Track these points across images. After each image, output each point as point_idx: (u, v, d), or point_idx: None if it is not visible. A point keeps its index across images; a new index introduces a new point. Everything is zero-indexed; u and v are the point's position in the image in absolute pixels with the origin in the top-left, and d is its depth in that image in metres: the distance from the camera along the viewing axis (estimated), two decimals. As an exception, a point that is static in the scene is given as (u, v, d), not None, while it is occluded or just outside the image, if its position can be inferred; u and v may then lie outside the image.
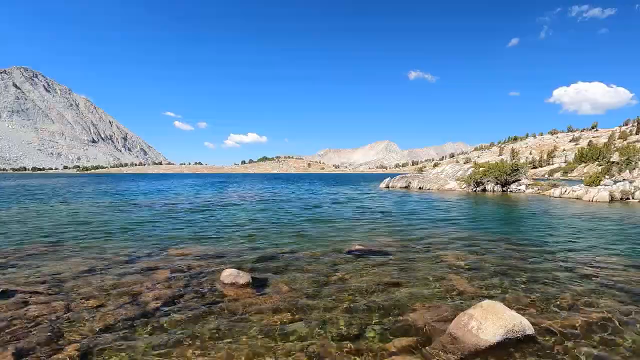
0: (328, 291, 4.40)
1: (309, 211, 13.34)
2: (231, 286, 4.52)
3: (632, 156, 31.14)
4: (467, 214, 12.53)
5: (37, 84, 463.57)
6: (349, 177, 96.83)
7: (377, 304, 3.99)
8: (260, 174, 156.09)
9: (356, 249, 6.60)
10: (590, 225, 9.78)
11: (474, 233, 8.54)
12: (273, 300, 4.10)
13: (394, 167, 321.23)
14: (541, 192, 22.36)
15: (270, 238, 7.86)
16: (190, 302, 4.04)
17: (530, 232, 8.67)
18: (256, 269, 5.34)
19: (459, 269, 5.38)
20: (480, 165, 28.80)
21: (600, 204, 16.17)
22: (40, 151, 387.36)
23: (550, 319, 3.57)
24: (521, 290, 4.43)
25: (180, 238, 7.81)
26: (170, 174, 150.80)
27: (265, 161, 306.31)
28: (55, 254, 6.29)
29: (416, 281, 4.78)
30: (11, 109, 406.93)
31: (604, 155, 64.94)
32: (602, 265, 5.56)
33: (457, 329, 3.20)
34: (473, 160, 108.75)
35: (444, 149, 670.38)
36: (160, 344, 3.11)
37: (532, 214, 12.67)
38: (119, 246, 6.94)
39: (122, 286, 4.55)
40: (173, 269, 5.31)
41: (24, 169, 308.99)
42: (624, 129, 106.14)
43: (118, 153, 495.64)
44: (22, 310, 3.78)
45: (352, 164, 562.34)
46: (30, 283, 4.66)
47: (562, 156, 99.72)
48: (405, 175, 32.59)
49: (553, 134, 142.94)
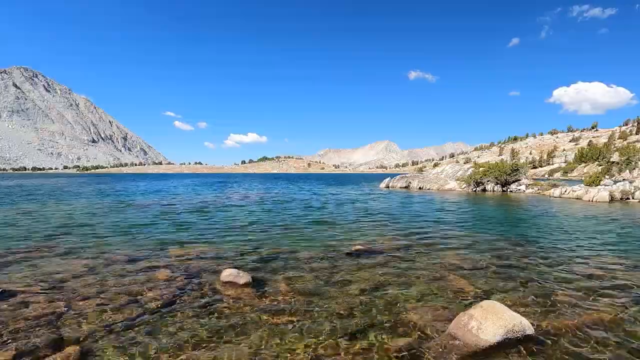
0: (328, 291, 4.40)
1: (309, 211, 13.33)
2: (231, 286, 4.52)
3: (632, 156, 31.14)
4: (467, 214, 12.53)
5: (37, 84, 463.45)
6: (349, 177, 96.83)
7: (377, 303, 3.99)
8: (260, 174, 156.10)
9: (356, 249, 6.61)
10: (590, 225, 9.78)
11: (474, 233, 8.53)
12: (273, 300, 4.10)
13: (394, 167, 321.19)
14: (541, 192, 22.35)
15: (270, 238, 7.85)
16: (190, 302, 4.04)
17: (530, 232, 8.67)
18: (256, 269, 5.34)
19: (459, 269, 5.38)
20: (480, 165, 28.80)
21: (600, 204, 16.17)
22: (40, 151, 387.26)
23: (550, 319, 3.57)
24: (521, 290, 4.43)
25: (180, 238, 7.80)
26: (170, 174, 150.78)
27: (265, 161, 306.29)
28: (55, 254, 6.28)
29: (416, 281, 4.78)
30: (11, 109, 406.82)
31: (604, 155, 64.96)
32: (602, 265, 5.56)
33: (457, 329, 3.21)
34: (473, 160, 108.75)
35: (444, 149, 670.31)
36: (161, 344, 3.11)
37: (532, 214, 12.66)
38: (119, 246, 6.94)
39: (122, 286, 4.55)
40: (173, 269, 5.31)
41: (24, 168, 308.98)
42: (624, 129, 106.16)
43: (118, 153, 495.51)
44: (22, 310, 3.78)
45: (352, 164, 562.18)
46: (30, 283, 4.66)
47: (562, 156, 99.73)
48: (405, 175, 32.59)
49: (553, 134, 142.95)
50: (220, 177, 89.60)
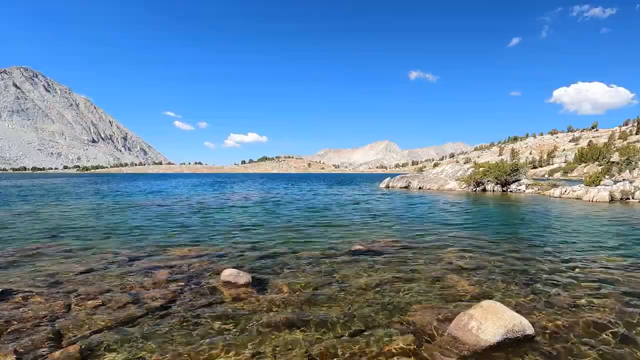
0: (328, 291, 4.40)
1: (309, 211, 13.33)
2: (231, 286, 4.52)
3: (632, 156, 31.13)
4: (467, 214, 12.53)
5: (37, 84, 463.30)
6: (349, 177, 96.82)
7: (377, 303, 3.99)
8: (260, 174, 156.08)
9: (356, 249, 6.61)
10: (590, 225, 9.78)
11: (474, 233, 8.54)
12: (273, 300, 4.10)
13: (394, 167, 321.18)
14: (541, 192, 22.35)
15: (269, 238, 7.85)
16: (190, 302, 4.04)
17: (530, 232, 8.66)
18: (256, 269, 5.34)
19: (459, 269, 5.38)
20: (480, 165, 28.79)
21: (601, 204, 16.17)
22: (40, 151, 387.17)
23: (550, 319, 3.57)
24: (521, 290, 4.43)
25: (180, 238, 7.80)
26: (170, 174, 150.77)
27: (265, 161, 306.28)
28: (55, 254, 6.28)
29: (416, 281, 4.78)
30: (11, 109, 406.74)
31: (604, 155, 64.93)
32: (603, 265, 5.56)
33: (457, 329, 3.21)
34: (473, 160, 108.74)
35: (444, 149, 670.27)
36: (161, 344, 3.11)
37: (532, 214, 12.66)
38: (119, 246, 6.94)
39: (122, 286, 4.55)
40: (173, 269, 5.31)
41: (24, 168, 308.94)
42: (624, 129, 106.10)
43: (118, 153, 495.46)
44: (22, 310, 3.78)
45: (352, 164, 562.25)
46: (30, 283, 4.66)
47: (562, 156, 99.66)
48: (405, 175, 32.58)
49: (553, 134, 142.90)
50: (221, 177, 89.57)
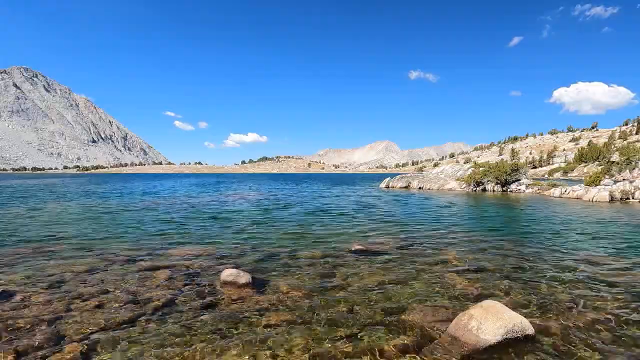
0: (328, 291, 4.40)
1: (308, 211, 13.33)
2: (231, 286, 4.52)
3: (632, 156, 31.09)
4: (467, 214, 12.53)
5: (37, 84, 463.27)
6: (349, 177, 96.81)
7: (377, 303, 3.99)
8: (260, 174, 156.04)
9: (356, 249, 6.61)
10: (590, 225, 9.77)
11: (474, 233, 8.53)
12: (273, 300, 4.10)
13: (394, 167, 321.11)
14: (541, 192, 22.34)
15: (269, 238, 7.85)
16: (190, 302, 4.04)
17: (530, 232, 8.66)
18: (257, 269, 5.34)
19: (459, 269, 5.38)
20: (480, 165, 28.79)
21: (601, 203, 16.16)
22: (40, 151, 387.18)
23: (550, 319, 3.57)
24: (521, 290, 4.43)
25: (180, 238, 7.80)
26: (170, 174, 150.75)
27: (265, 161, 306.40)
28: (55, 254, 6.28)
29: (416, 281, 4.78)
30: (11, 109, 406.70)
31: (604, 155, 64.91)
32: (603, 265, 5.55)
33: (457, 329, 3.20)
34: (473, 160, 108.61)
35: (444, 149, 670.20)
36: (161, 344, 3.11)
37: (532, 214, 12.66)
38: (119, 246, 6.94)
39: (122, 286, 4.55)
40: (173, 269, 5.31)
41: (24, 169, 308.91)
42: (624, 129, 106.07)
43: (118, 153, 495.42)
44: (22, 310, 3.78)
45: (352, 164, 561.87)
46: (30, 283, 4.66)
47: (562, 156, 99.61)
48: (405, 175, 32.59)
49: (553, 134, 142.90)
50: (221, 177, 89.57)
